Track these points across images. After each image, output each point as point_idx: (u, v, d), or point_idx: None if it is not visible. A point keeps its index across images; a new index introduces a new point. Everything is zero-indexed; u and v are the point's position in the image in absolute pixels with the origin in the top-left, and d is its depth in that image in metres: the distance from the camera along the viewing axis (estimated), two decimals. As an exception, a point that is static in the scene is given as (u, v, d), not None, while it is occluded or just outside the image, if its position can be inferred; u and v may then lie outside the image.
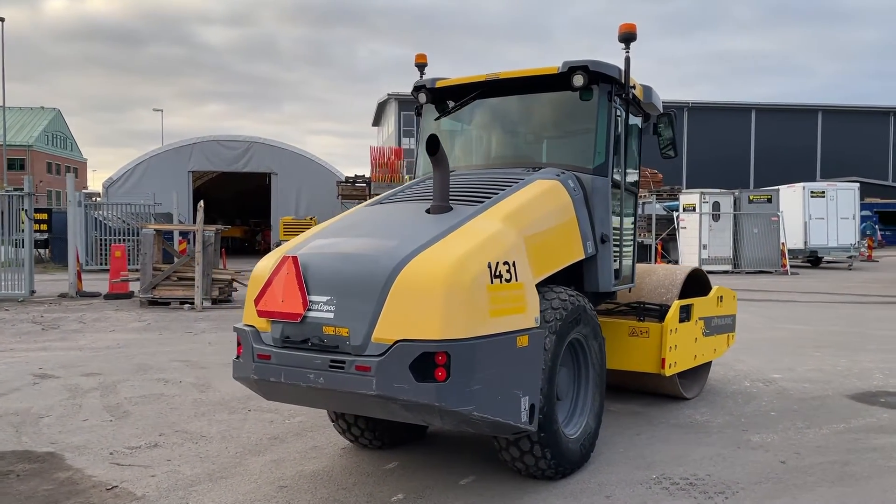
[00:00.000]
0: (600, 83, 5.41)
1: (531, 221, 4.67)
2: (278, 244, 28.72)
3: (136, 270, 16.02)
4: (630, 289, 6.25)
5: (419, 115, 6.33)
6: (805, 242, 25.97)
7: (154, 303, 14.03)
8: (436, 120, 6.11)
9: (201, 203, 13.72)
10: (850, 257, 26.75)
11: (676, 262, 23.67)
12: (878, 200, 45.06)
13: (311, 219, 29.61)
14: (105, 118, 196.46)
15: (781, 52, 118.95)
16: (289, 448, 5.41)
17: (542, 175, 5.18)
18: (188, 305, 13.67)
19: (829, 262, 28.21)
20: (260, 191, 37.18)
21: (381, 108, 58.52)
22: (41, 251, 28.36)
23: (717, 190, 25.39)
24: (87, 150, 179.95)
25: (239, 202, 44.35)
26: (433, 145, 4.38)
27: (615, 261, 5.63)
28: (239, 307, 13.94)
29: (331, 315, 3.98)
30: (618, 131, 5.58)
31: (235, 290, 14.76)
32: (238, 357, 4.39)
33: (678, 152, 6.19)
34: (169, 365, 8.51)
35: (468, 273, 3.89)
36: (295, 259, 4.14)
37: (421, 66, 6.32)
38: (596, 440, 5.05)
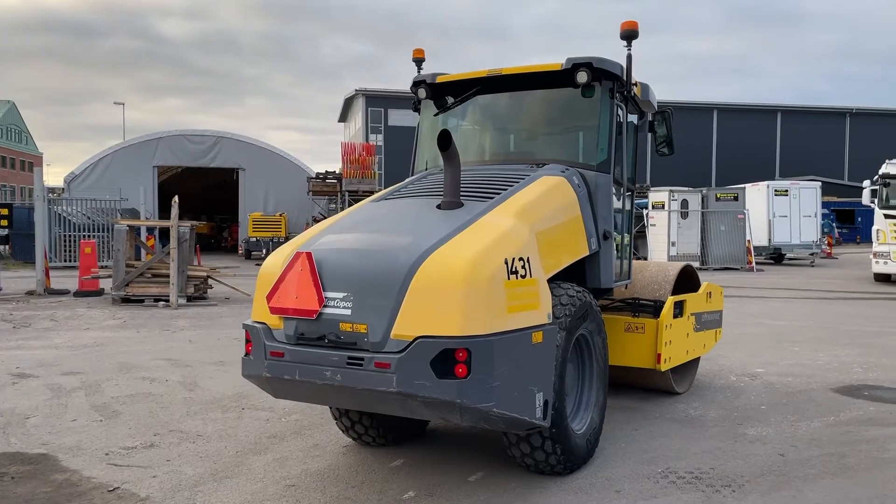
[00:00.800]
0: (602, 80, 5.44)
1: (541, 217, 4.68)
2: (249, 241, 28.40)
3: (105, 267, 15.66)
4: (626, 285, 6.30)
5: (417, 110, 6.29)
6: (769, 240, 26.51)
7: (127, 300, 13.75)
8: (435, 115, 6.07)
9: (175, 199, 13.47)
10: (812, 254, 27.38)
11: (646, 259, 23.97)
12: (835, 199, 46.16)
13: (280, 215, 29.32)
14: (59, 111, 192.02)
15: (741, 54, 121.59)
16: (290, 446, 5.35)
17: (548, 171, 5.19)
18: (163, 303, 13.42)
19: (791, 258, 28.83)
20: (226, 186, 36.66)
21: (348, 104, 58.10)
22: (2, 247, 27.62)
23: (686, 188, 25.77)
24: (42, 145, 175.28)
25: (204, 198, 43.68)
26: (446, 141, 4.36)
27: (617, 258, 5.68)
28: (215, 304, 13.76)
29: (348, 311, 3.93)
30: (619, 128, 5.62)
31: (211, 287, 14.54)
32: (248, 354, 4.32)
33: (674, 150, 6.25)
34: (151, 363, 8.35)
35: (487, 269, 3.89)
36: (309, 255, 4.09)
37: (419, 61, 6.29)
38: (600, 435, 5.08)
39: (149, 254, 16.64)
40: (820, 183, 29.23)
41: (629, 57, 5.52)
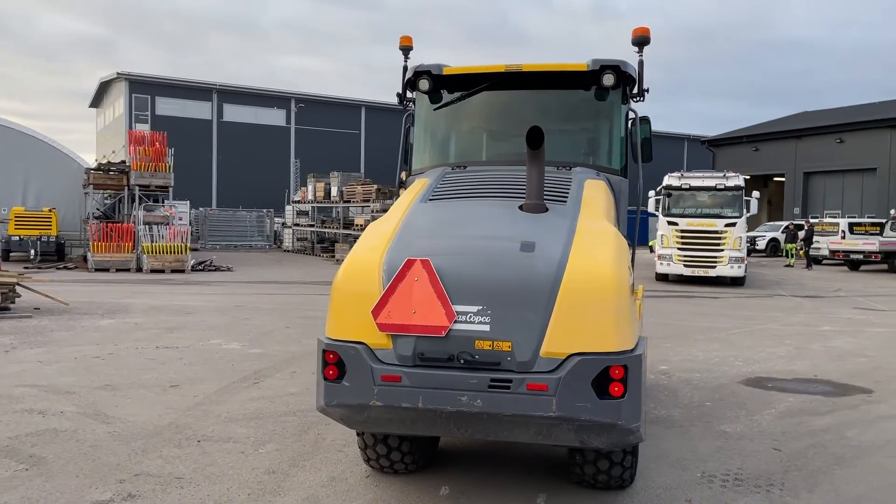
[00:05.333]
0: (622, 84, 5.41)
1: (613, 221, 4.55)
2: (11, 240, 24.47)
3: None
4: None
5: (403, 101, 5.80)
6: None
7: None
8: (436, 110, 5.64)
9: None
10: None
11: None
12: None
13: (49, 210, 25.66)
14: None
15: None
16: (303, 482, 4.67)
17: (585, 174, 5.05)
18: (-42, 315, 11.07)
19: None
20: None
21: (104, 89, 52.64)
22: None
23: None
24: None
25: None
26: (537, 138, 4.04)
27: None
28: (29, 316, 11.65)
29: (485, 327, 3.49)
30: (632, 133, 5.63)
31: (20, 295, 12.24)
32: (333, 380, 3.66)
33: (651, 158, 6.39)
34: (19, 392, 6.83)
35: (625, 280, 3.68)
36: (427, 262, 3.56)
37: (406, 49, 5.82)
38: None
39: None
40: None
41: (641, 63, 5.55)
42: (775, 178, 44.68)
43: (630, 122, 5.55)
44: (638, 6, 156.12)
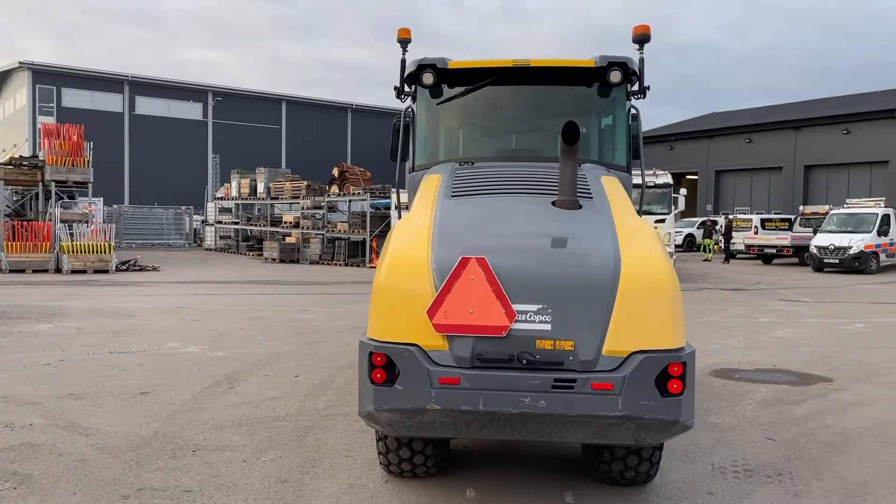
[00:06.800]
0: (627, 81, 5.44)
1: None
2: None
3: None
4: None
5: (400, 95, 5.66)
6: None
7: None
8: (438, 104, 5.51)
9: None
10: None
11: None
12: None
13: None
14: None
15: (383, 66, 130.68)
16: (323, 490, 4.50)
17: (598, 170, 5.05)
18: None
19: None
20: None
21: (3, 79, 49.59)
22: None
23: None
24: None
25: None
26: (573, 134, 3.99)
27: None
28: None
29: (547, 326, 3.42)
30: (632, 129, 5.66)
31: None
32: (382, 383, 3.51)
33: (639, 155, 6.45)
34: (-27, 404, 6.30)
35: (675, 276, 3.67)
36: (483, 261, 3.46)
37: (404, 42, 5.66)
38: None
39: None
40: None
41: (642, 60, 5.59)
42: (688, 177, 46.44)
43: (631, 119, 5.58)
44: (548, 6, 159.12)
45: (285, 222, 29.64)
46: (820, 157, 39.30)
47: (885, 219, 25.19)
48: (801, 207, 32.98)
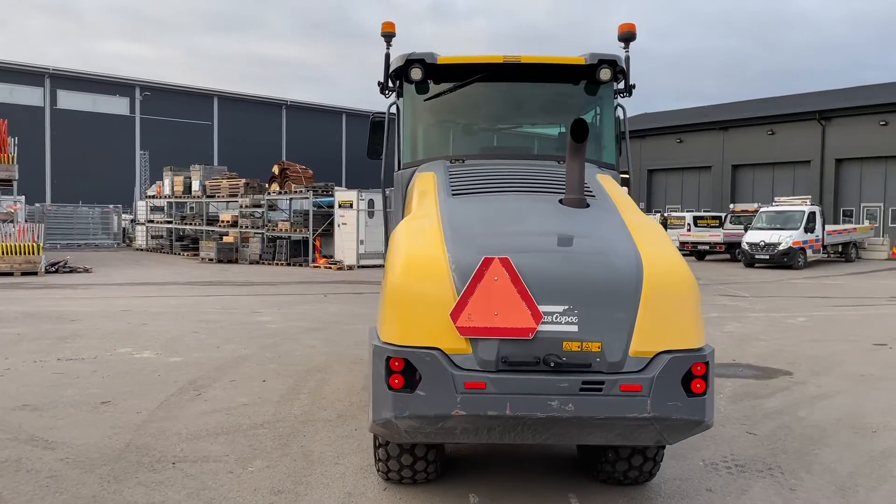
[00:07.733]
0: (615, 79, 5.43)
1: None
2: None
3: None
4: None
5: (385, 90, 5.52)
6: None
7: None
8: (426, 100, 5.39)
9: None
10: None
11: (332, 257, 24.05)
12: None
13: None
14: None
15: (314, 63, 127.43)
16: (321, 501, 4.34)
17: (592, 168, 5.03)
18: None
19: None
20: None
21: None
22: None
23: (373, 189, 26.41)
24: None
25: None
26: (582, 131, 3.94)
27: None
28: None
29: (573, 328, 3.35)
30: (619, 127, 5.66)
31: None
32: (403, 389, 3.37)
33: (623, 153, 6.46)
34: (-82, 418, 5.83)
35: (693, 276, 3.66)
36: (506, 261, 3.36)
37: (388, 36, 5.52)
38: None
39: None
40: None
41: (627, 58, 5.59)
42: (622, 175, 47.36)
43: (617, 117, 5.59)
44: (477, 6, 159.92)
45: (222, 221, 28.85)
46: (747, 156, 40.71)
47: (811, 216, 26.31)
48: (731, 205, 34.10)
